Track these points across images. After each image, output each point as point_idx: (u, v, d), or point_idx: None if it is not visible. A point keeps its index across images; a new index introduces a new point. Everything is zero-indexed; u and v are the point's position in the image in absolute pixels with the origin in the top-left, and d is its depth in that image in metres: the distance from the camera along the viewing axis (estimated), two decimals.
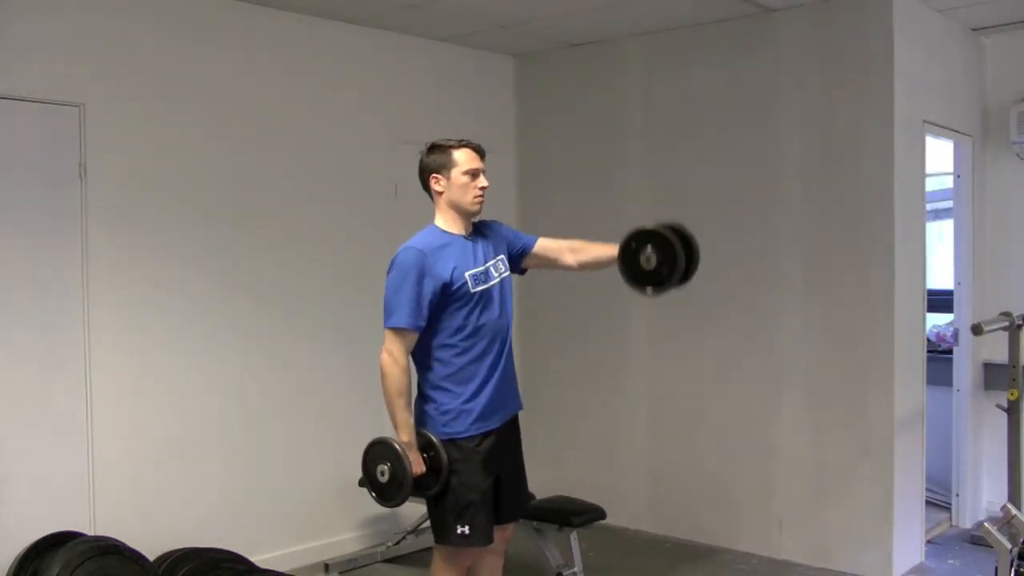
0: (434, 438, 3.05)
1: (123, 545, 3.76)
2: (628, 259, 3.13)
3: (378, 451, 3.10)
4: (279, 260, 4.70)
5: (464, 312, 3.05)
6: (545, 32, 5.25)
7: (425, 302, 2.99)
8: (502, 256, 3.22)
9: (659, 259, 3.06)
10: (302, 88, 4.79)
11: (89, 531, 3.96)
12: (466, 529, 3.04)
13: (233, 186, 4.53)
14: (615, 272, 5.35)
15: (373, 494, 3.16)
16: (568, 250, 3.37)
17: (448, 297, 3.02)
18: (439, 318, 3.04)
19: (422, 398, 3.11)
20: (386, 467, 3.06)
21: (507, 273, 3.23)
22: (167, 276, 4.30)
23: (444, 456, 3.03)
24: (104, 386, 4.08)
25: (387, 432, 3.50)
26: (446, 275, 3.01)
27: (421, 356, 3.09)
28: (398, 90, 5.20)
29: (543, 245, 3.37)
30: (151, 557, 3.92)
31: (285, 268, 4.73)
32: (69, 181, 3.99)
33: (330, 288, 4.91)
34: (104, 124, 4.07)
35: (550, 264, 3.41)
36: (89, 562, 3.56)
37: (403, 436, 3.02)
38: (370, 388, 4.96)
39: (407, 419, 3.03)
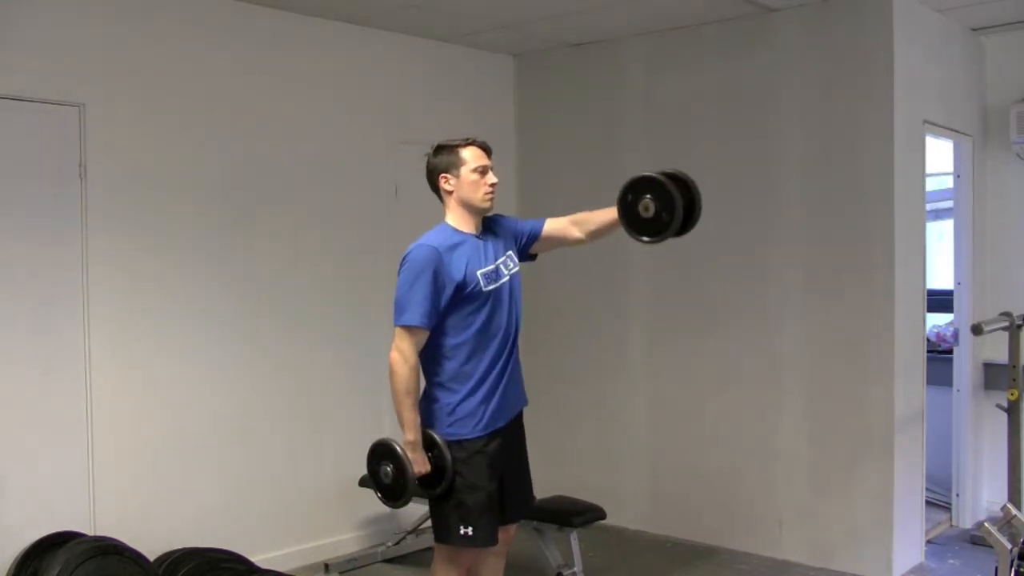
0: (438, 437, 3.03)
1: (123, 545, 3.76)
2: (627, 210, 3.04)
3: (381, 452, 3.09)
4: (279, 260, 4.70)
5: (475, 311, 3.04)
6: (545, 32, 5.25)
7: (438, 301, 2.98)
8: (511, 252, 3.22)
9: (657, 207, 2.96)
10: (302, 88, 4.79)
11: (89, 531, 3.95)
12: (469, 530, 3.03)
13: (232, 186, 4.53)
14: (615, 273, 5.39)
15: (378, 494, 3.15)
16: (573, 224, 3.30)
17: (460, 296, 3.01)
18: (449, 317, 3.03)
19: (428, 397, 3.09)
20: (389, 468, 3.04)
21: (516, 269, 3.22)
22: (167, 276, 4.29)
23: (448, 455, 3.01)
24: (104, 386, 4.07)
25: (387, 431, 3.50)
26: (459, 275, 3.00)
27: (430, 355, 3.06)
28: (398, 90, 5.20)
29: (550, 227, 3.31)
30: (151, 557, 3.92)
31: (285, 268, 4.72)
32: (69, 181, 3.99)
33: (330, 288, 4.91)
34: (104, 124, 4.06)
35: (559, 243, 3.35)
36: (89, 562, 3.56)
37: (409, 435, 3.00)
38: (370, 388, 5.02)
39: (413, 418, 3.00)
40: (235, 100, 4.53)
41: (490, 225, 3.24)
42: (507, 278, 3.16)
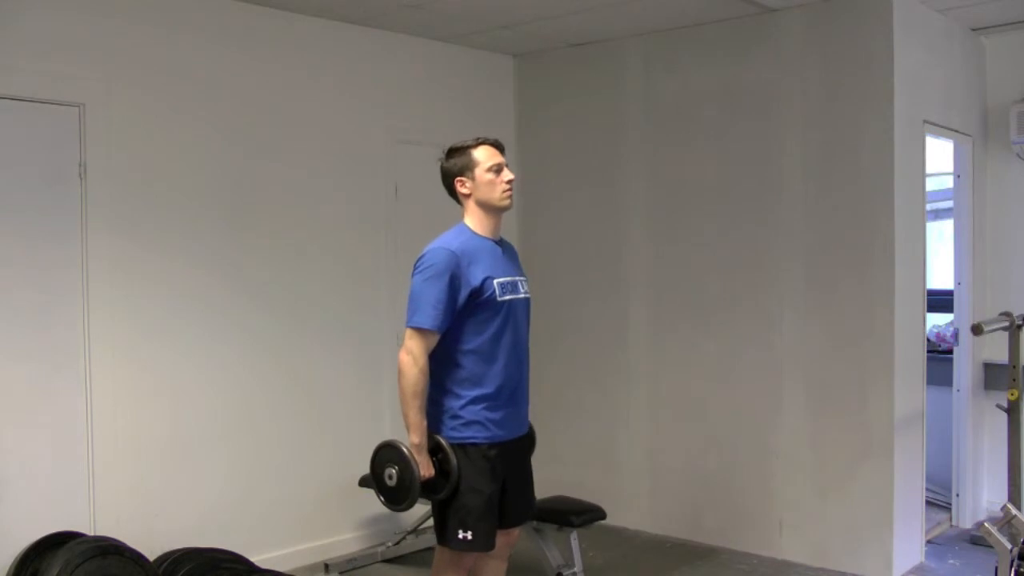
0: (444, 442, 3.02)
1: (123, 545, 3.76)
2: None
3: (386, 455, 3.07)
4: (279, 260, 4.70)
5: (488, 319, 3.02)
6: (545, 32, 5.25)
7: (452, 304, 2.96)
8: (525, 279, 3.22)
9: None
10: (301, 88, 4.79)
11: (89, 531, 3.95)
12: (468, 535, 3.02)
13: (233, 186, 4.53)
14: (614, 274, 5.39)
15: (381, 497, 3.13)
16: None
17: (475, 302, 2.99)
18: (463, 322, 3.01)
19: (434, 401, 3.07)
20: (394, 471, 3.02)
21: (529, 295, 3.22)
22: (167, 276, 4.29)
23: (454, 459, 3.00)
24: (104, 386, 4.07)
25: (387, 431, 3.50)
26: (476, 281, 2.98)
27: (439, 358, 3.04)
28: (398, 90, 5.20)
29: None
30: (151, 557, 3.92)
31: (285, 268, 4.73)
32: (69, 181, 3.99)
33: (330, 288, 4.91)
34: (104, 124, 4.06)
35: None
36: (89, 562, 3.56)
37: (415, 438, 2.98)
38: (371, 388, 5.02)
39: (420, 421, 2.98)
40: (235, 100, 4.53)
41: (507, 243, 3.24)
42: (524, 296, 3.16)
